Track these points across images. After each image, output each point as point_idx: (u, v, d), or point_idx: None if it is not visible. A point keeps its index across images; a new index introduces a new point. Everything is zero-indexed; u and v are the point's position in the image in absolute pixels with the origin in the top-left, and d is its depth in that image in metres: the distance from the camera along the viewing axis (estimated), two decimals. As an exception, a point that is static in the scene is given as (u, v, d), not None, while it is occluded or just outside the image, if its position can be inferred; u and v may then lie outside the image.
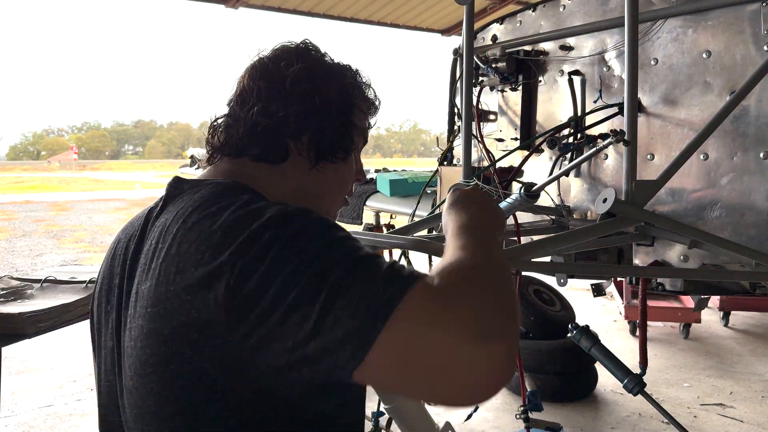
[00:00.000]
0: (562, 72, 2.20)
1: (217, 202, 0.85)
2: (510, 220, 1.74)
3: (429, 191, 2.39)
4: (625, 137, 1.52)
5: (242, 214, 0.81)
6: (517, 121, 2.31)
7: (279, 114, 0.96)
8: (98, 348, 1.03)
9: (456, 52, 2.54)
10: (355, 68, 1.08)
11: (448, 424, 1.27)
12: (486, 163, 2.14)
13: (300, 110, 0.97)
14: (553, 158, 2.14)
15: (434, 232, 2.06)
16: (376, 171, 3.61)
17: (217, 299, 0.76)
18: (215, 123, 1.04)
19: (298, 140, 0.99)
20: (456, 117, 2.57)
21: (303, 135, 0.99)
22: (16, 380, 4.06)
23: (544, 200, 2.00)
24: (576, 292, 5.98)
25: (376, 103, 1.10)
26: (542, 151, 2.22)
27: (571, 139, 2.05)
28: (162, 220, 0.90)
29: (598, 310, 5.85)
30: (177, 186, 0.96)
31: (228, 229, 0.79)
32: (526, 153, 2.17)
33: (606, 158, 2.07)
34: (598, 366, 3.27)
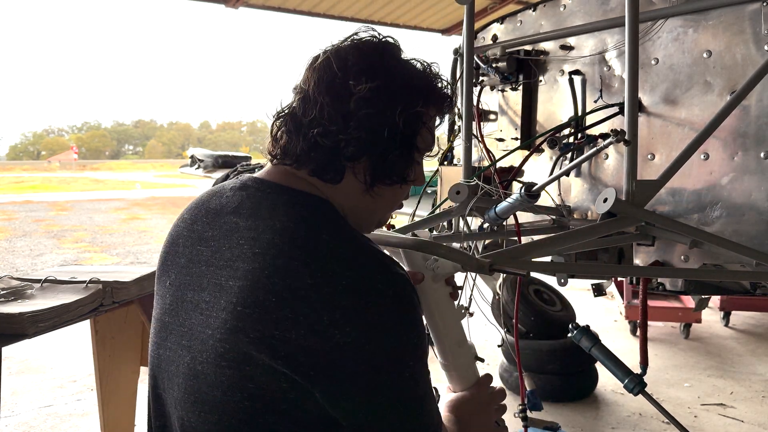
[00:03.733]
0: (562, 72, 2.20)
1: (312, 222, 0.91)
2: (510, 220, 1.74)
3: (429, 191, 2.39)
4: (626, 137, 1.52)
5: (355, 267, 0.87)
6: (518, 121, 2.31)
7: (339, 136, 0.93)
8: (156, 320, 1.05)
9: (456, 51, 2.54)
10: (432, 73, 1.01)
11: (488, 376, 1.26)
12: (486, 163, 2.14)
13: (361, 136, 0.93)
14: (554, 158, 2.14)
15: (434, 232, 2.06)
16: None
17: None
18: (278, 121, 1.00)
19: (356, 162, 0.96)
20: (456, 117, 2.57)
21: (361, 159, 0.96)
22: (16, 380, 4.06)
23: (544, 200, 2.00)
24: (576, 292, 5.97)
25: (447, 109, 1.04)
26: (542, 151, 2.22)
27: (571, 139, 2.05)
28: (245, 215, 0.94)
29: (599, 310, 5.85)
30: (244, 185, 0.99)
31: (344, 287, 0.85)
32: (526, 153, 2.17)
33: (606, 158, 2.07)
34: (599, 366, 3.26)
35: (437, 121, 1.04)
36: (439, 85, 1.01)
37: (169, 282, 1.01)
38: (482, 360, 1.35)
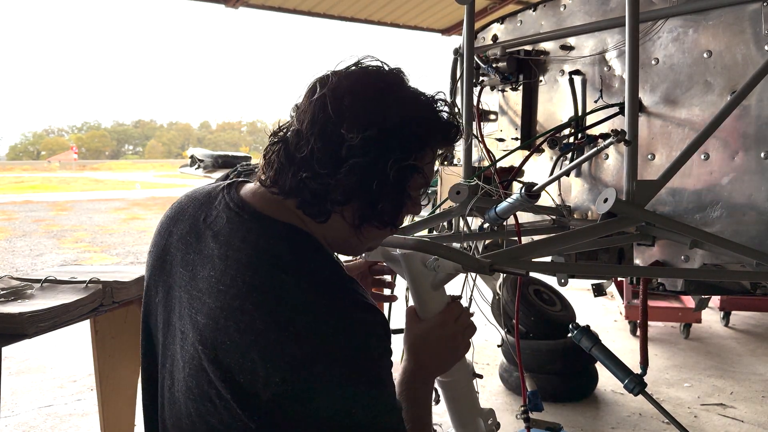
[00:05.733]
0: (562, 72, 2.20)
1: (278, 259, 0.89)
2: (510, 220, 1.74)
3: (429, 191, 2.39)
4: (626, 137, 1.52)
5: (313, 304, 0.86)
6: (518, 121, 2.31)
7: (327, 180, 0.90)
8: (147, 333, 1.07)
9: (456, 52, 2.54)
10: (436, 109, 0.99)
11: (491, 411, 1.27)
12: (486, 163, 2.14)
13: (350, 183, 0.90)
14: (554, 158, 2.14)
15: (434, 232, 2.06)
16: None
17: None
18: (274, 146, 0.97)
19: (344, 206, 0.94)
20: (456, 117, 2.56)
21: (349, 203, 0.94)
22: (16, 380, 4.06)
23: (544, 200, 2.00)
24: (576, 292, 5.97)
25: (454, 136, 1.02)
26: (543, 151, 2.22)
27: (571, 139, 2.05)
28: (221, 241, 0.93)
29: (599, 310, 5.85)
30: (227, 205, 0.97)
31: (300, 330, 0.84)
32: (526, 153, 2.17)
33: (607, 158, 2.07)
34: (599, 366, 3.26)
35: (439, 152, 1.03)
36: (444, 118, 0.99)
37: (158, 299, 1.03)
38: (480, 377, 1.35)
